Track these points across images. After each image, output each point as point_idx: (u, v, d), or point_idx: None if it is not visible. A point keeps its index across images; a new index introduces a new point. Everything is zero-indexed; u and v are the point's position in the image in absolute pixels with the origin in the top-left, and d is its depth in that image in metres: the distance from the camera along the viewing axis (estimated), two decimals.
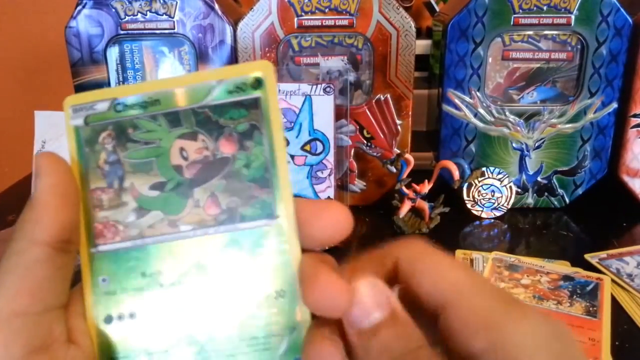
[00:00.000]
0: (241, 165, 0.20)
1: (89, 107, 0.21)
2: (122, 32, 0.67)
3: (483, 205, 0.68)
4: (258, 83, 0.20)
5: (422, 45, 0.79)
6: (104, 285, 0.20)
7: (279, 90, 0.64)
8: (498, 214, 0.68)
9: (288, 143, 0.64)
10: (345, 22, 0.65)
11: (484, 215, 0.68)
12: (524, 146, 0.68)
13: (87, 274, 0.21)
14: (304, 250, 0.20)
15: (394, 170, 0.68)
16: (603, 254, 0.56)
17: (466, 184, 0.68)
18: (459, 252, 0.57)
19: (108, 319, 0.20)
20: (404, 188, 0.65)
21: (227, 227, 0.20)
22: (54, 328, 0.19)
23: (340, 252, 0.22)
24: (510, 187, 0.68)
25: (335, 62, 0.68)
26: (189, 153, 0.21)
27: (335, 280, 0.19)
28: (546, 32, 0.65)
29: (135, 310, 0.20)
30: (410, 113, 0.68)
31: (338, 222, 0.20)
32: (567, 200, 0.70)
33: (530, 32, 0.66)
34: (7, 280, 0.19)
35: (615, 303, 0.49)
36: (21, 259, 0.19)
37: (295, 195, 0.21)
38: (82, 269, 0.21)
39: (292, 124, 0.64)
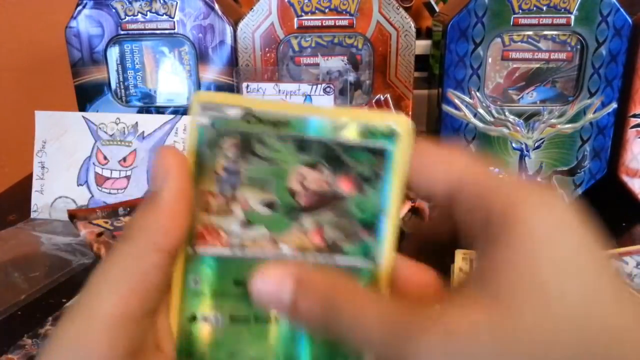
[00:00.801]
0: (354, 205, 0.21)
1: (219, 109, 0.20)
2: (122, 32, 0.67)
3: None
4: (391, 134, 0.20)
5: (422, 46, 0.79)
6: (194, 286, 0.21)
7: (279, 91, 0.64)
8: None
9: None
10: (345, 23, 0.65)
11: None
12: (523, 146, 0.68)
13: (180, 271, 0.21)
14: None
15: None
16: None
17: None
18: (459, 252, 0.57)
19: (192, 319, 0.20)
20: None
21: (326, 259, 0.21)
22: (149, 333, 0.19)
23: None
24: None
25: (335, 62, 0.68)
26: (308, 181, 0.21)
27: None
28: (546, 32, 0.65)
29: (221, 316, 0.21)
30: (410, 113, 0.68)
31: (426, 288, 0.20)
32: (567, 201, 0.70)
33: (530, 33, 0.66)
34: (120, 282, 0.18)
35: None
36: (140, 264, 0.19)
37: None
38: (176, 265, 0.21)
39: None
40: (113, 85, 0.69)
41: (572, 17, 0.63)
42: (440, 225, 0.23)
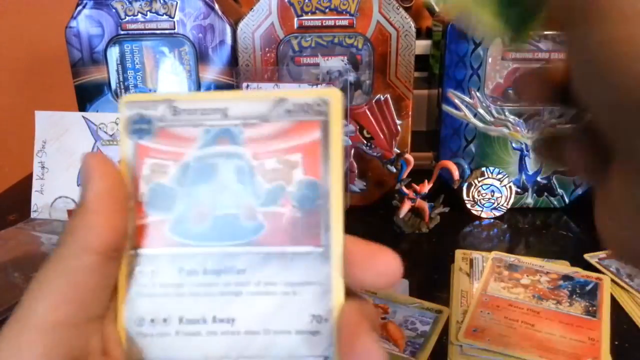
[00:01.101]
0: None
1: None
2: (122, 32, 0.67)
3: (483, 205, 0.68)
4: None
5: (422, 45, 0.79)
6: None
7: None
8: (498, 214, 0.68)
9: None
10: (345, 23, 0.65)
11: (483, 215, 0.68)
12: (523, 146, 0.68)
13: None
14: (348, 291, 0.20)
15: (394, 170, 0.68)
16: (602, 254, 0.57)
17: (466, 184, 0.68)
18: (459, 252, 0.57)
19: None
20: (404, 188, 0.65)
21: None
22: (92, 339, 0.19)
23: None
24: (510, 187, 0.68)
25: (335, 62, 0.68)
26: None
27: (373, 347, 0.18)
28: (546, 32, 0.65)
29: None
30: (410, 113, 0.68)
31: (390, 272, 0.19)
32: (567, 200, 0.70)
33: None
34: (52, 287, 0.18)
35: (614, 303, 0.49)
36: (70, 266, 0.18)
37: None
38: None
39: None
40: (113, 85, 0.69)
41: None
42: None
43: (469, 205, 0.68)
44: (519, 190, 0.70)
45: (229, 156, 0.20)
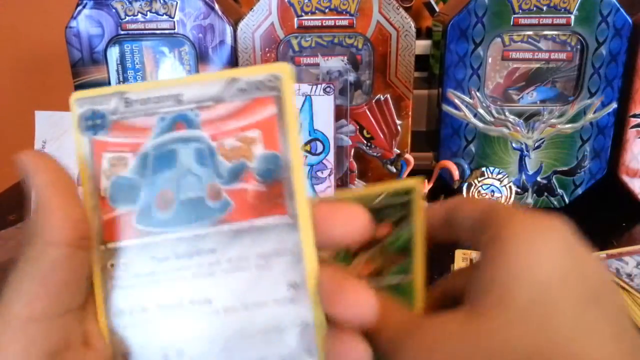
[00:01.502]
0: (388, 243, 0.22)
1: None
2: (122, 32, 0.67)
3: None
4: (410, 191, 0.23)
5: (422, 45, 0.79)
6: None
7: None
8: None
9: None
10: (345, 23, 0.65)
11: None
12: (523, 146, 0.68)
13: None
14: (320, 252, 0.20)
15: (394, 170, 0.68)
16: (602, 254, 0.56)
17: (466, 184, 0.68)
18: (459, 252, 0.57)
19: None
20: None
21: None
22: (71, 331, 0.19)
23: None
24: (510, 187, 0.68)
25: (335, 62, 0.68)
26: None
27: (363, 290, 0.19)
28: (546, 32, 0.65)
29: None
30: (410, 113, 0.68)
31: (356, 222, 0.20)
32: (567, 201, 0.70)
33: (530, 33, 0.66)
34: (24, 286, 0.18)
35: None
36: (38, 264, 0.18)
37: None
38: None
39: None
40: (113, 84, 0.69)
41: (572, 17, 0.63)
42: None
43: None
44: (519, 190, 0.70)
45: (187, 140, 0.20)
